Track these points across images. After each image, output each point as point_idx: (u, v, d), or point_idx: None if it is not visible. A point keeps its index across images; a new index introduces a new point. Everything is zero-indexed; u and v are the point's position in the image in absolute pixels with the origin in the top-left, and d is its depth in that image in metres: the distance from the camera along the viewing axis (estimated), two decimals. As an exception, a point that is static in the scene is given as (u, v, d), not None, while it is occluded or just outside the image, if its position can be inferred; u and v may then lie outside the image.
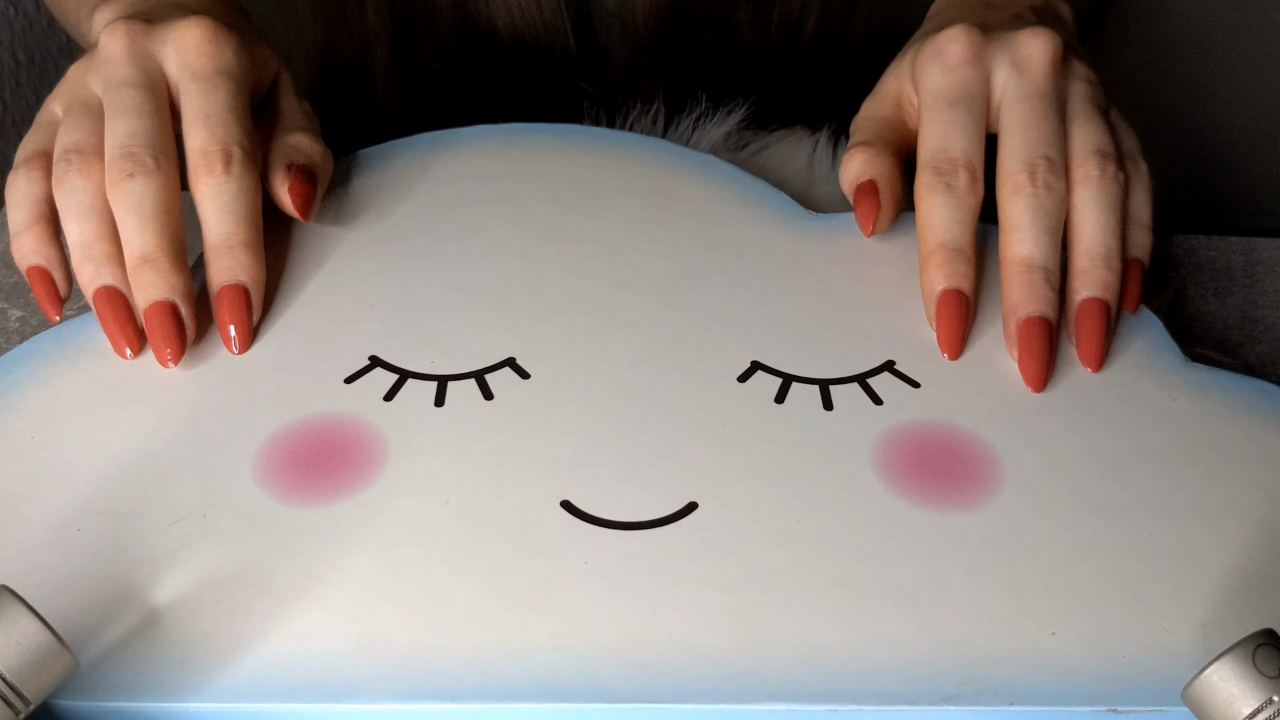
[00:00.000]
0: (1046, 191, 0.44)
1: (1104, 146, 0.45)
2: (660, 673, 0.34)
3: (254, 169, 0.44)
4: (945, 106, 0.45)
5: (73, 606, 0.35)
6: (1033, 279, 0.43)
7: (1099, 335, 0.43)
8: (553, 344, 0.44)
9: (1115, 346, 0.44)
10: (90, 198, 0.42)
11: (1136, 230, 0.45)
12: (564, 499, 0.39)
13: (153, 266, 0.41)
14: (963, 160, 0.44)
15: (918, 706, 0.34)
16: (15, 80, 0.77)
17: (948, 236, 0.44)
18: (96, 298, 0.42)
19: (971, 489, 0.39)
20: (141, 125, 0.43)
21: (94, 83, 0.45)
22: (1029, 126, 0.45)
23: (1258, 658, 0.31)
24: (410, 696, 0.34)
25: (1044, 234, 0.43)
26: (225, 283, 0.43)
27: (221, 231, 0.43)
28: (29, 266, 0.43)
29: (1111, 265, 0.44)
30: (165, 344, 0.41)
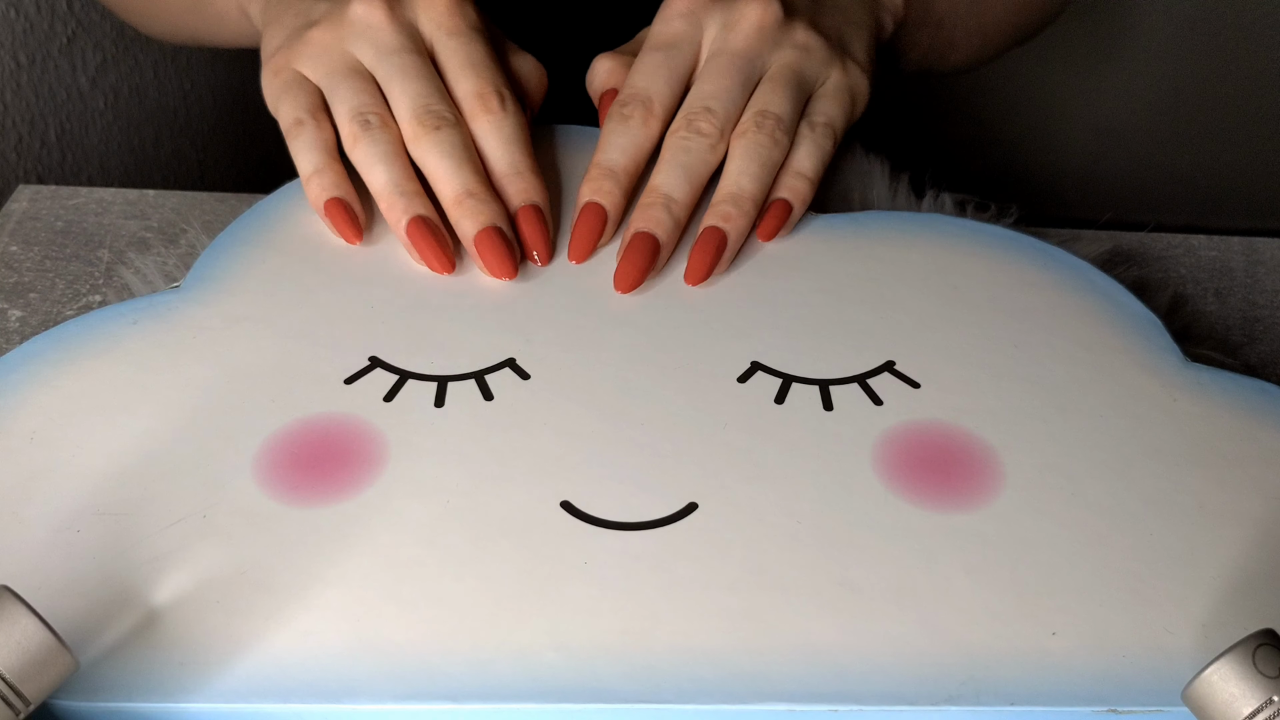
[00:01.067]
0: (696, 136, 0.48)
1: (771, 107, 0.48)
2: (661, 673, 0.34)
3: (520, 105, 0.49)
4: (649, 50, 0.50)
5: (72, 607, 0.35)
6: (653, 200, 0.47)
7: (705, 256, 0.46)
8: (553, 344, 0.44)
9: (1115, 346, 0.44)
10: (393, 148, 0.47)
11: (791, 177, 0.48)
12: (564, 499, 0.39)
13: (476, 198, 0.46)
14: (644, 95, 0.49)
15: (919, 706, 0.34)
16: (16, 82, 0.77)
17: (604, 158, 0.48)
18: (412, 226, 0.46)
19: (971, 489, 0.39)
20: (429, 86, 0.48)
21: (357, 49, 0.48)
22: (707, 80, 0.49)
23: (1258, 658, 0.31)
24: (410, 697, 0.34)
25: (678, 169, 0.47)
26: (522, 203, 0.47)
27: (510, 160, 0.48)
28: (329, 199, 0.47)
29: (739, 203, 0.47)
30: (500, 262, 0.45)
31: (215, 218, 0.55)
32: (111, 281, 0.53)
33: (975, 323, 0.45)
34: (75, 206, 0.57)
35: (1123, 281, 0.47)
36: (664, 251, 0.46)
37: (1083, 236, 0.56)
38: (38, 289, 0.52)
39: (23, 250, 0.54)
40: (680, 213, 0.47)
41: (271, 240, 0.48)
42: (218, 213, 0.56)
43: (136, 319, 0.44)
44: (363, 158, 0.47)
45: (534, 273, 0.47)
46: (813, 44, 0.50)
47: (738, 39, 0.50)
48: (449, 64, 0.49)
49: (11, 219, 0.56)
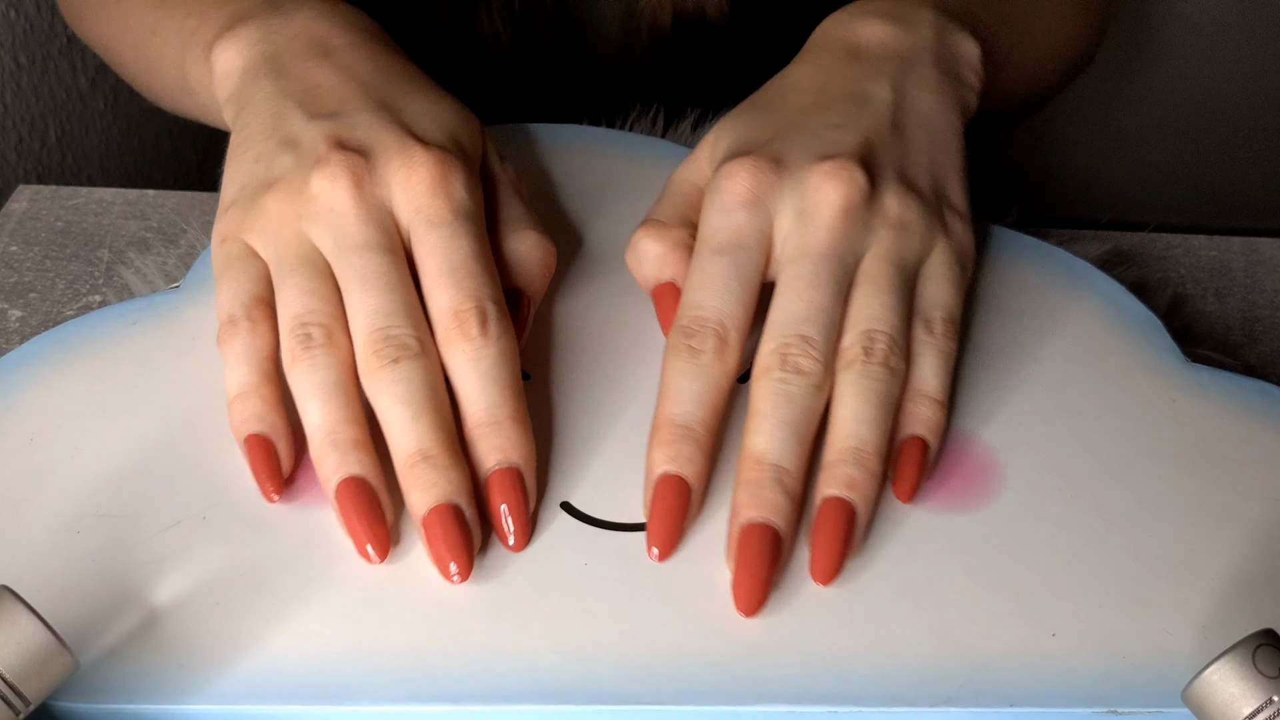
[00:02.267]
0: (795, 375, 0.38)
1: (879, 324, 0.39)
2: (661, 674, 0.34)
3: (510, 326, 0.39)
4: (710, 255, 0.40)
5: (73, 608, 0.35)
6: (760, 477, 0.37)
7: (836, 541, 0.36)
8: (552, 345, 0.44)
9: (1115, 346, 0.44)
10: (336, 376, 0.38)
11: (919, 403, 0.40)
12: (564, 500, 0.39)
13: (432, 463, 0.36)
14: (714, 322, 0.39)
15: (918, 708, 0.34)
16: (16, 83, 0.77)
17: (677, 411, 0.38)
18: (341, 490, 0.37)
19: (971, 489, 0.39)
20: (396, 300, 0.38)
21: (315, 234, 0.40)
22: (794, 296, 0.39)
23: (1258, 658, 0.31)
24: (410, 698, 0.34)
25: (783, 425, 0.37)
26: (496, 465, 0.37)
27: (486, 405, 0.38)
28: (250, 434, 0.38)
29: (862, 461, 0.37)
30: (450, 554, 0.36)
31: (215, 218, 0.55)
32: (111, 281, 0.53)
33: (975, 323, 0.45)
34: (75, 206, 0.57)
35: (1123, 281, 0.47)
36: (786, 544, 0.37)
37: (1083, 236, 0.56)
38: (38, 289, 0.52)
39: (23, 250, 0.54)
40: (795, 486, 0.37)
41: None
42: (217, 213, 0.56)
43: (136, 319, 0.44)
44: (297, 387, 0.38)
45: (534, 273, 0.46)
46: (909, 216, 0.41)
47: (820, 233, 0.40)
48: (425, 266, 0.39)
49: (11, 219, 0.56)
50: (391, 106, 0.42)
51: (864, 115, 0.43)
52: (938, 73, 0.45)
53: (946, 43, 0.46)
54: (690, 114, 0.55)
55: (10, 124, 0.77)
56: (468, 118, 0.44)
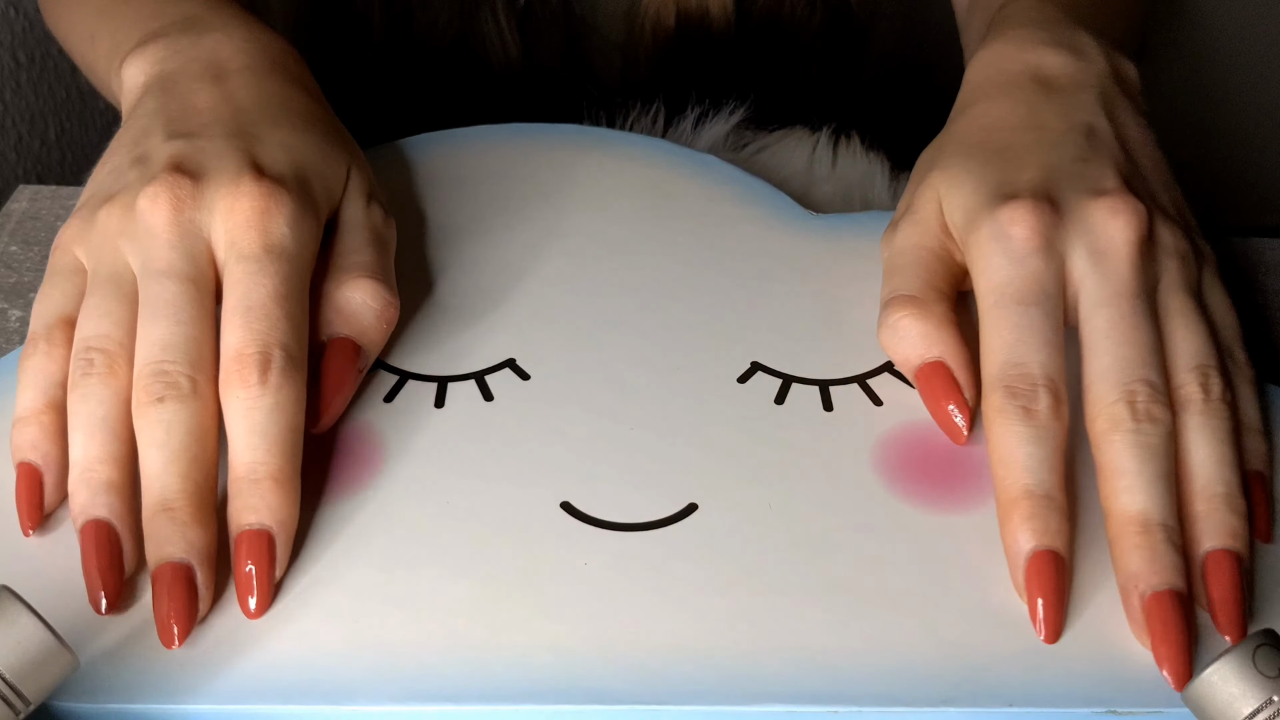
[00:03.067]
0: (1151, 426, 0.36)
1: (1206, 358, 0.38)
2: (659, 674, 0.34)
3: (297, 376, 0.37)
4: (1016, 307, 0.38)
5: (73, 607, 0.35)
6: (1152, 542, 0.35)
7: (1235, 592, 0.35)
8: (552, 345, 0.44)
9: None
10: (105, 409, 0.36)
11: (1251, 438, 0.39)
12: (564, 500, 0.39)
13: (171, 517, 0.35)
14: (1042, 379, 0.37)
15: (917, 708, 0.34)
16: (16, 81, 0.77)
17: (1033, 480, 0.36)
18: (84, 532, 0.35)
19: (971, 489, 0.39)
20: (179, 334, 0.37)
21: (129, 254, 0.39)
22: (1120, 341, 0.38)
23: (1258, 658, 0.31)
24: (409, 698, 0.34)
25: (1156, 480, 0.36)
26: (246, 525, 0.35)
27: (248, 459, 0.36)
28: (21, 460, 0.37)
29: (1235, 506, 0.37)
30: (171, 614, 0.34)
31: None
32: (111, 281, 0.53)
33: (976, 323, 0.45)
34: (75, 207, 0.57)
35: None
36: (1189, 604, 0.35)
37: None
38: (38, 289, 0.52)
39: (23, 250, 0.54)
40: (1180, 541, 0.36)
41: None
42: (218, 213, 0.56)
43: (136, 319, 0.44)
44: (70, 415, 0.37)
45: (534, 273, 0.47)
46: (1183, 245, 0.40)
47: (1122, 270, 0.39)
48: (225, 301, 0.38)
49: (11, 219, 0.56)
50: (249, 135, 0.41)
51: (1100, 147, 0.42)
52: (1125, 98, 0.45)
53: (1117, 68, 0.46)
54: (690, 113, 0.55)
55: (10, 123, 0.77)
56: (331, 155, 0.42)
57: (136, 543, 0.36)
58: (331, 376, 0.39)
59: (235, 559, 0.35)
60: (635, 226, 0.48)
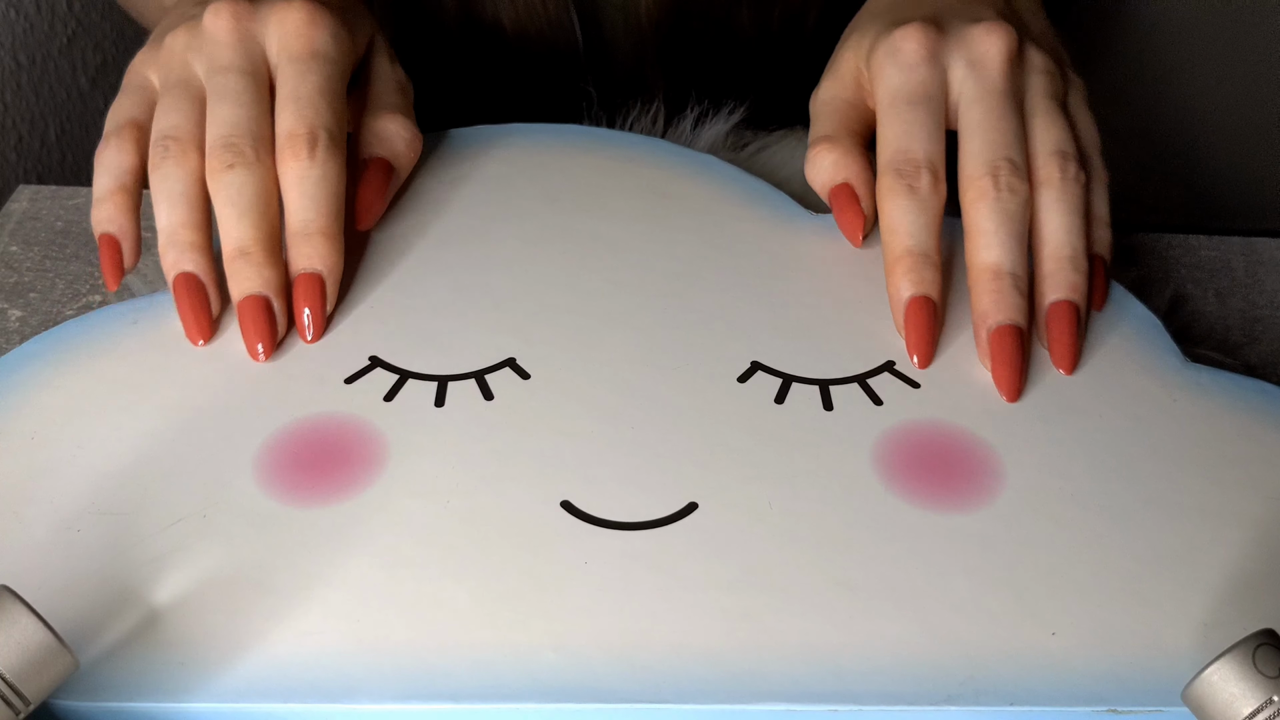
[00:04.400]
0: (1010, 195, 0.43)
1: (1064, 146, 0.45)
2: (660, 673, 0.34)
3: (339, 154, 0.44)
4: (905, 106, 0.45)
5: (73, 607, 0.35)
6: (1001, 286, 0.43)
7: (1070, 337, 0.43)
8: (553, 344, 0.44)
9: (1115, 346, 0.44)
10: (184, 185, 0.43)
11: (1098, 227, 0.46)
12: (564, 499, 0.39)
13: (248, 259, 0.42)
14: (925, 161, 0.44)
15: (918, 707, 0.34)
16: (16, 82, 0.77)
17: (913, 242, 0.44)
18: (176, 283, 0.43)
19: (971, 489, 0.39)
20: (243, 114, 0.43)
21: (195, 62, 0.45)
22: (989, 128, 0.44)
23: (1258, 658, 0.31)
24: (410, 697, 0.34)
25: (1010, 239, 0.43)
26: (302, 270, 0.43)
27: (302, 218, 0.43)
28: (101, 233, 0.44)
29: (1078, 266, 0.44)
30: (257, 337, 0.42)
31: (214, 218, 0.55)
32: (111, 281, 0.53)
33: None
34: (75, 206, 0.57)
35: (1123, 281, 0.47)
36: (1026, 339, 0.43)
37: (1083, 236, 0.55)
38: (38, 289, 0.52)
39: (23, 250, 0.54)
40: (1027, 289, 0.43)
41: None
42: (218, 213, 0.56)
43: (136, 319, 0.44)
44: (153, 191, 0.44)
45: (534, 273, 0.47)
46: (1050, 65, 0.47)
47: (994, 76, 0.46)
48: (277, 94, 0.44)
49: (11, 219, 0.56)
50: None
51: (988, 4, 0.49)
52: None
53: None
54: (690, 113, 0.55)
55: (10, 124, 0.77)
56: (362, 14, 0.49)
57: (218, 290, 0.43)
58: (371, 186, 0.47)
59: (294, 298, 0.43)
60: (635, 226, 0.48)
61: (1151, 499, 0.39)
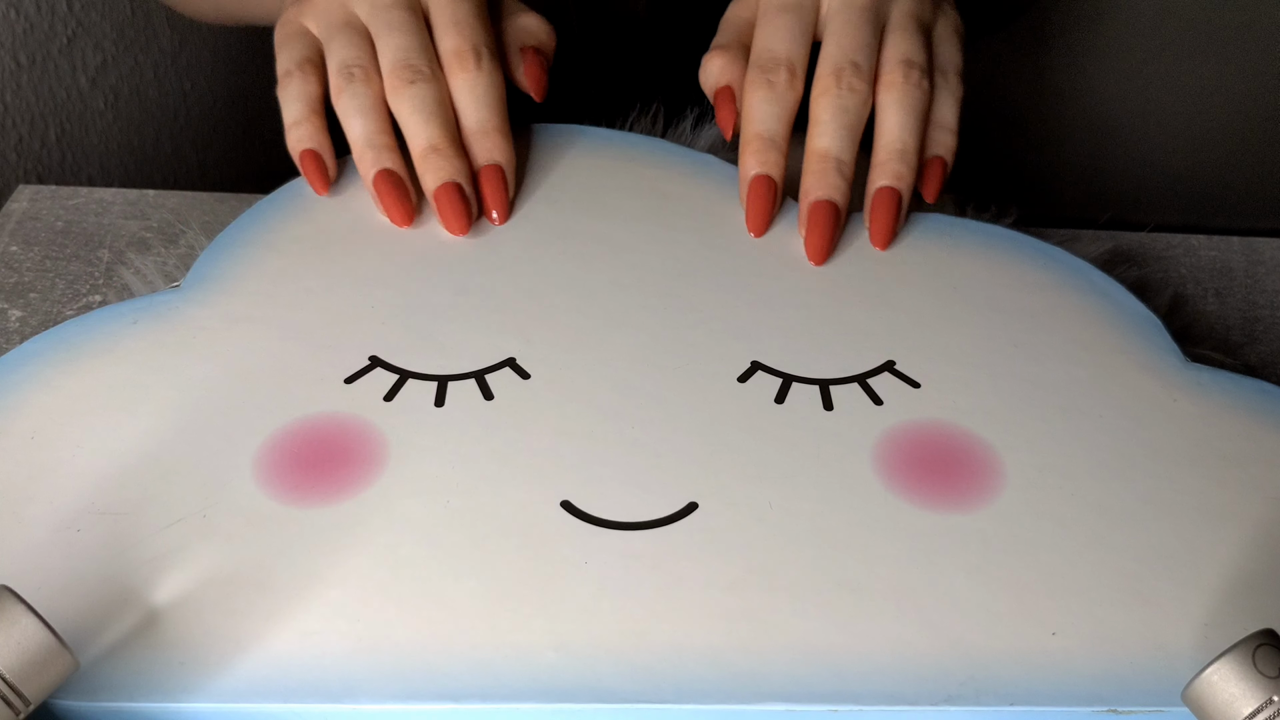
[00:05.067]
0: (849, 93, 0.48)
1: (911, 56, 0.49)
2: (661, 673, 0.34)
3: (499, 65, 0.50)
4: (776, 12, 0.50)
5: (73, 607, 0.35)
6: (825, 167, 0.47)
7: (888, 218, 0.48)
8: (553, 344, 0.44)
9: (1115, 346, 0.44)
10: (371, 101, 0.48)
11: (939, 132, 0.49)
12: (564, 499, 0.39)
13: (440, 154, 0.47)
14: (784, 59, 0.49)
15: (918, 706, 0.34)
16: (16, 82, 0.77)
17: (763, 128, 0.48)
18: (378, 179, 0.48)
19: (971, 489, 0.39)
20: (414, 41, 0.49)
21: (355, 4, 0.50)
22: (843, 35, 0.49)
23: (1258, 658, 0.31)
24: (411, 696, 0.34)
25: (842, 129, 0.48)
26: (485, 163, 0.48)
27: (478, 118, 0.49)
28: (303, 150, 0.49)
29: (906, 160, 0.48)
30: (455, 218, 0.47)
31: (215, 218, 0.55)
32: (111, 281, 0.53)
33: (975, 323, 0.45)
34: (75, 206, 0.57)
35: (1123, 281, 0.47)
36: (842, 216, 0.48)
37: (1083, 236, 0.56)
38: (38, 289, 0.52)
39: (23, 250, 0.54)
40: (850, 174, 0.48)
41: (271, 240, 0.48)
42: (217, 213, 0.56)
43: (136, 319, 0.44)
44: (343, 110, 0.48)
45: (534, 273, 0.47)
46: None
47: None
48: (436, 21, 0.50)
49: (11, 219, 0.56)
50: None
51: None
52: None
53: None
54: (691, 113, 0.55)
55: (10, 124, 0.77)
56: None
57: (414, 184, 0.48)
58: (536, 68, 0.52)
59: (481, 187, 0.49)
60: (635, 226, 0.48)
61: (1151, 499, 0.39)
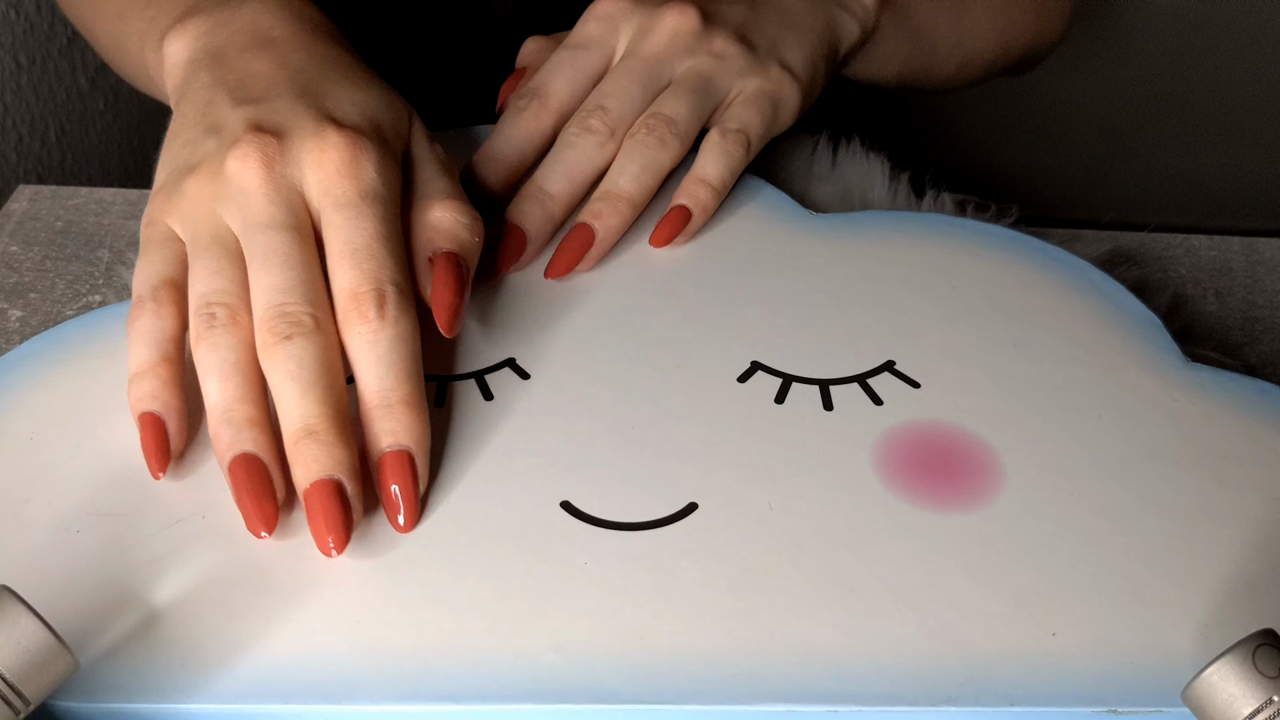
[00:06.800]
0: (585, 133, 0.47)
1: (665, 110, 0.48)
2: (661, 674, 0.34)
3: (410, 308, 0.39)
4: (561, 49, 0.50)
5: (73, 607, 0.35)
6: (528, 194, 0.47)
7: (568, 252, 0.46)
8: (553, 344, 0.44)
9: (1115, 346, 0.44)
10: (235, 355, 0.38)
11: (694, 184, 0.48)
12: (564, 499, 0.39)
13: (316, 439, 0.37)
14: (541, 90, 0.49)
15: (918, 707, 0.34)
16: (16, 83, 0.77)
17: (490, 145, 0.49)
18: (234, 466, 0.37)
19: (971, 489, 0.39)
20: (294, 278, 0.39)
21: (226, 214, 0.40)
22: (609, 81, 0.48)
23: (1258, 658, 0.31)
24: (410, 698, 0.34)
25: (559, 164, 0.47)
26: (386, 448, 0.38)
27: (379, 388, 0.38)
28: (143, 411, 0.39)
29: (611, 200, 0.46)
30: (328, 529, 0.36)
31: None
32: (111, 281, 0.53)
33: (975, 323, 0.45)
34: (75, 206, 0.57)
35: (1123, 281, 0.47)
36: (531, 245, 0.46)
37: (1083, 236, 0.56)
38: (38, 289, 0.52)
39: (23, 250, 0.54)
40: (554, 208, 0.47)
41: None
42: (218, 213, 0.56)
43: (136, 319, 0.44)
44: (199, 366, 0.38)
45: (534, 273, 0.47)
46: (730, 51, 0.49)
47: (648, 44, 0.49)
48: (329, 246, 0.40)
49: (11, 219, 0.56)
50: (315, 93, 0.42)
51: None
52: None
53: None
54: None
55: (10, 124, 0.77)
56: (393, 103, 0.44)
57: (282, 472, 0.38)
58: (447, 287, 0.41)
59: (380, 482, 0.38)
60: (635, 226, 0.48)
61: (1151, 499, 0.39)
